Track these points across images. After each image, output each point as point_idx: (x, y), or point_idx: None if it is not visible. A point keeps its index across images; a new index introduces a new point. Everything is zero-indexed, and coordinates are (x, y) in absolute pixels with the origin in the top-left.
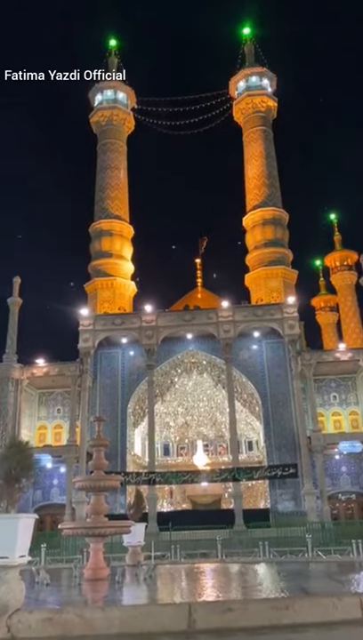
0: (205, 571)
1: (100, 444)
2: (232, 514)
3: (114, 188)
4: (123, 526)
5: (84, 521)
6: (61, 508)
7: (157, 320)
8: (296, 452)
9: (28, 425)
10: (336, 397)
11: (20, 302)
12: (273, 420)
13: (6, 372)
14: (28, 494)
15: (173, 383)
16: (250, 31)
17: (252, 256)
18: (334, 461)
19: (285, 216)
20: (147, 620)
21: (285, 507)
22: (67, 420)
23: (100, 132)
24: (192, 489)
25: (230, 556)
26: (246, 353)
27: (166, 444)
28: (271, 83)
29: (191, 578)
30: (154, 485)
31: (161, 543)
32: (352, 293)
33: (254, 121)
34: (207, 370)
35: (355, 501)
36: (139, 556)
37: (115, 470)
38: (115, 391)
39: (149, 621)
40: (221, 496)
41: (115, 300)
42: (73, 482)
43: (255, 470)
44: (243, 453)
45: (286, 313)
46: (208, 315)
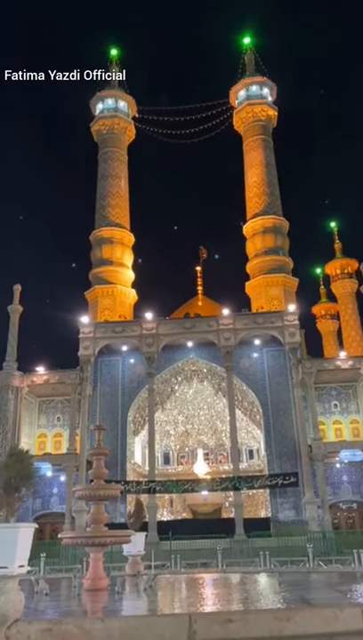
0: (206, 581)
1: (100, 453)
2: (233, 523)
3: (115, 196)
4: (123, 535)
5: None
6: (61, 516)
7: (158, 328)
8: (297, 460)
9: (27, 433)
10: (337, 406)
11: (21, 310)
12: (274, 428)
13: (6, 379)
14: (27, 503)
15: (174, 391)
16: (250, 41)
17: (252, 264)
18: (335, 470)
19: (285, 224)
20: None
21: (285, 516)
22: (67, 428)
23: (101, 141)
24: (192, 498)
25: (231, 565)
26: (246, 361)
27: (167, 453)
28: (271, 92)
29: (192, 588)
30: (154, 494)
31: (161, 553)
32: (353, 301)
33: (254, 130)
34: (208, 378)
35: (356, 511)
36: (139, 566)
37: (115, 479)
38: (115, 399)
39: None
40: (221, 505)
41: (115, 307)
42: (73, 490)
43: (256, 479)
44: (243, 462)
45: (286, 321)
46: (209, 322)
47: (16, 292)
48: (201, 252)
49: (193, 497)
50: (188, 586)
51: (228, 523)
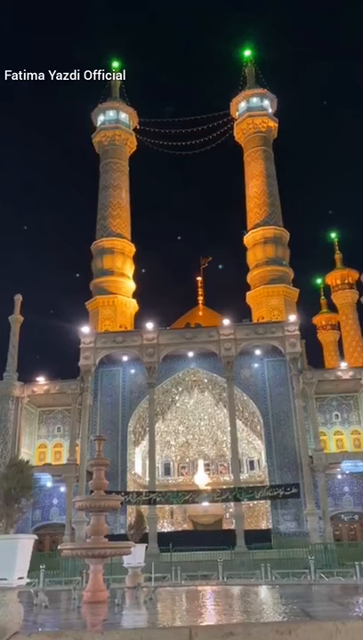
0: (207, 593)
1: (100, 464)
2: (233, 534)
3: (116, 206)
4: (123, 547)
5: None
6: (61, 528)
7: (158, 338)
8: (298, 471)
9: (27, 443)
10: (338, 416)
11: (22, 320)
12: (275, 439)
13: (7, 389)
14: (27, 514)
15: (174, 401)
16: (251, 53)
17: (253, 274)
18: (336, 481)
19: (285, 234)
20: None
21: (287, 527)
22: (67, 438)
23: (103, 152)
24: (193, 509)
25: (232, 577)
26: (247, 371)
27: (167, 464)
28: (272, 104)
29: (192, 600)
30: (154, 505)
31: (162, 564)
32: (353, 312)
33: (254, 141)
34: (208, 388)
35: (358, 522)
36: (139, 578)
37: (115, 490)
38: (115, 409)
39: None
40: (222, 516)
41: (116, 317)
42: (73, 501)
43: (257, 490)
44: (244, 473)
45: (287, 331)
46: (209, 333)
47: (17, 301)
48: (202, 261)
49: (194, 508)
50: (188, 598)
51: (228, 534)
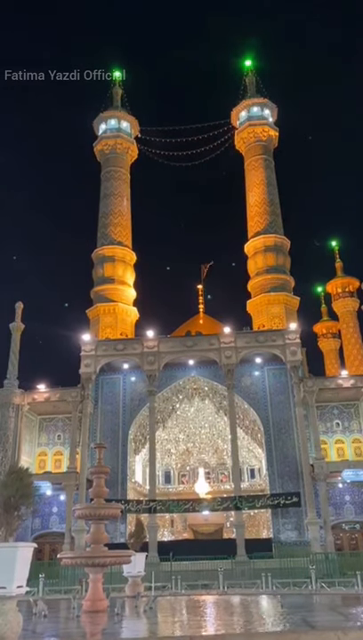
0: (207, 602)
1: (100, 472)
2: (234, 544)
3: (117, 214)
4: (123, 556)
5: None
6: (61, 536)
7: (159, 346)
8: (299, 480)
9: (28, 451)
10: (339, 425)
11: (22, 328)
12: (275, 447)
13: (7, 397)
14: (26, 522)
15: (175, 409)
16: (251, 63)
17: (253, 282)
18: (337, 490)
19: (286, 243)
20: None
21: (287, 536)
22: (67, 446)
23: (104, 161)
24: (193, 518)
25: (232, 587)
26: (247, 379)
27: (167, 472)
28: (272, 113)
29: (192, 610)
30: (155, 514)
31: (162, 574)
32: (354, 320)
33: (255, 150)
34: (209, 396)
35: (359, 531)
36: (139, 587)
37: (115, 498)
38: (116, 417)
39: None
40: (222, 525)
41: (117, 325)
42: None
43: (258, 499)
44: (245, 481)
45: (287, 339)
46: (210, 341)
47: (18, 309)
48: (203, 266)
49: (194, 517)
50: (188, 608)
51: (229, 543)
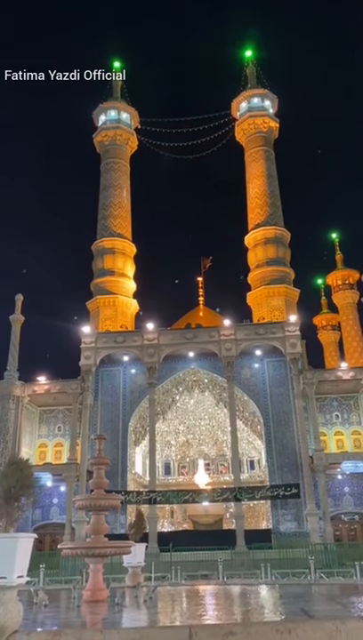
0: (206, 593)
1: (100, 463)
2: (234, 534)
3: (116, 206)
4: (123, 546)
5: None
6: (61, 527)
7: (159, 338)
8: (298, 471)
9: (28, 443)
10: (338, 416)
11: (22, 320)
12: (275, 439)
13: (7, 389)
14: (27, 513)
15: (175, 401)
16: (252, 53)
17: (253, 274)
18: (336, 482)
19: (286, 235)
20: None
21: (287, 527)
22: (67, 437)
23: (104, 152)
24: (193, 509)
25: (232, 577)
26: (247, 371)
27: (167, 463)
28: (273, 104)
29: (192, 600)
30: (155, 505)
31: (162, 564)
32: (354, 312)
33: (255, 141)
34: (209, 388)
35: (358, 522)
36: (139, 577)
37: (115, 489)
38: (116, 409)
39: None
40: (222, 516)
41: (117, 317)
42: (73, 501)
43: (257, 490)
44: (244, 473)
45: (287, 331)
46: (210, 333)
47: (18, 301)
48: (204, 262)
49: (194, 508)
50: (188, 598)
51: (229, 534)
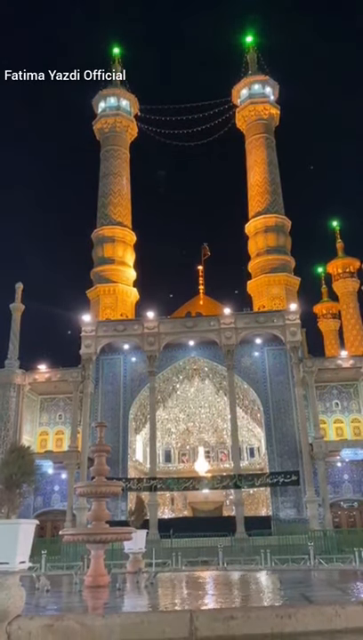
0: (207, 578)
1: (101, 450)
2: (234, 521)
3: (116, 194)
4: (124, 533)
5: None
6: (62, 514)
7: (159, 327)
8: (298, 459)
9: (29, 431)
10: (338, 404)
11: (23, 308)
12: (275, 426)
13: (8, 377)
14: (28, 500)
15: (175, 389)
16: (253, 40)
17: (254, 263)
18: (336, 469)
19: (287, 223)
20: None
21: (286, 514)
22: (68, 425)
23: (103, 139)
24: (193, 496)
25: (232, 563)
26: (247, 360)
27: (168, 451)
28: (274, 91)
29: (193, 585)
30: (155, 492)
31: (162, 550)
32: (354, 300)
33: (256, 128)
34: (209, 376)
35: (357, 509)
36: (140, 564)
37: (116, 476)
38: (116, 397)
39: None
40: (222, 503)
41: (117, 306)
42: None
43: (257, 477)
44: (244, 460)
45: (287, 320)
46: (210, 321)
47: (18, 290)
48: (204, 250)
49: (194, 495)
50: (189, 583)
51: (229, 521)
